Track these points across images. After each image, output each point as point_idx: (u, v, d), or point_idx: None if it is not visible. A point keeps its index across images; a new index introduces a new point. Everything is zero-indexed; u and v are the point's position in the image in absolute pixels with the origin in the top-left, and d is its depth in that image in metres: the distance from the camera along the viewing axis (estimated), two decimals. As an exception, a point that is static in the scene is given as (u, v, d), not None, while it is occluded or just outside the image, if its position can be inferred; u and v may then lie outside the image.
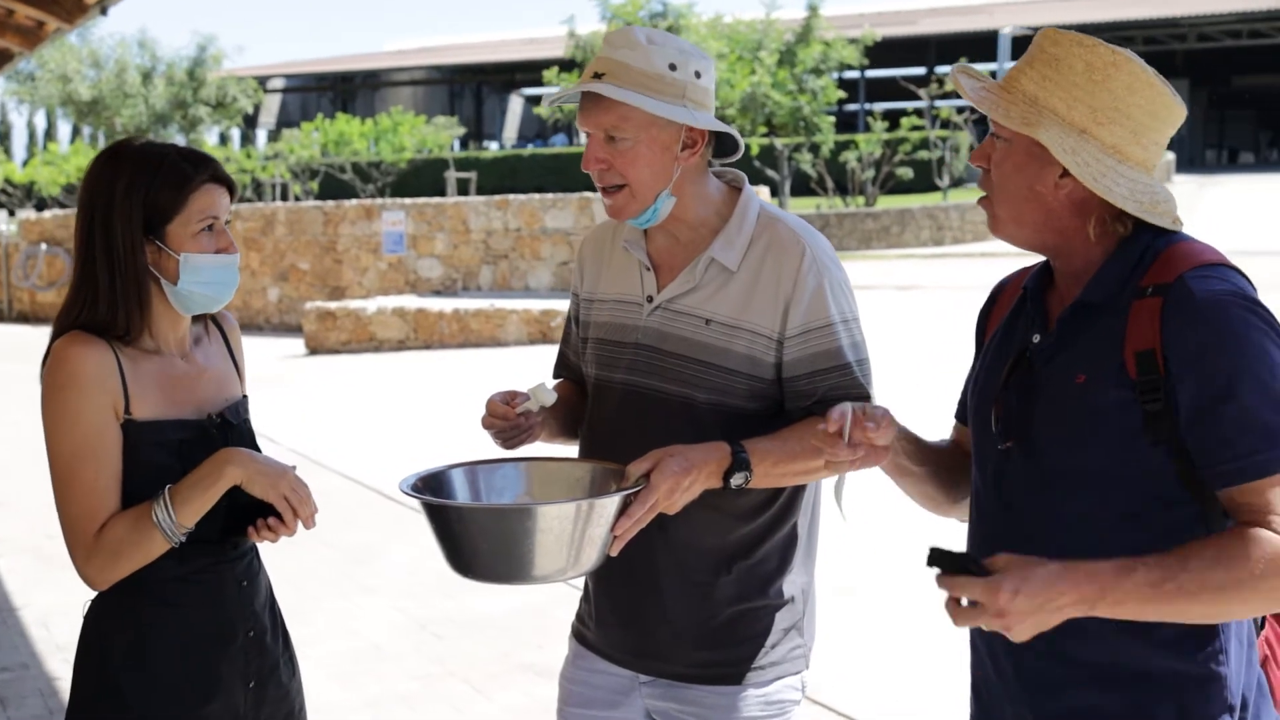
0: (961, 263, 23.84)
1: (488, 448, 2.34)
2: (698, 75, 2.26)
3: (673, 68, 2.23)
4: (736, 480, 2.18)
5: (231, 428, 2.36)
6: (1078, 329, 1.83)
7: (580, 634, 2.54)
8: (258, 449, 2.41)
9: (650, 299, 2.37)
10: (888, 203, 30.52)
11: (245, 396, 2.48)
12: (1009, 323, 1.99)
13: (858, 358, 2.30)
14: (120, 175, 2.23)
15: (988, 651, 1.94)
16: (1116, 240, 1.83)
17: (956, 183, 34.11)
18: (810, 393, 2.26)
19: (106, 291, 2.23)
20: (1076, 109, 1.79)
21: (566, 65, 29.06)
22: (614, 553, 2.10)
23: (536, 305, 15.91)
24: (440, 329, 16.24)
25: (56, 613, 5.88)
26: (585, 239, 2.61)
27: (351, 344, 16.67)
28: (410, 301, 17.23)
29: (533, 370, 13.15)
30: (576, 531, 2.02)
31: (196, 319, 2.41)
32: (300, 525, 2.24)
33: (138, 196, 2.21)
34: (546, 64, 32.62)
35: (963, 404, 2.15)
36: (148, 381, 2.26)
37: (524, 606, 6.00)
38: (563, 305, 15.76)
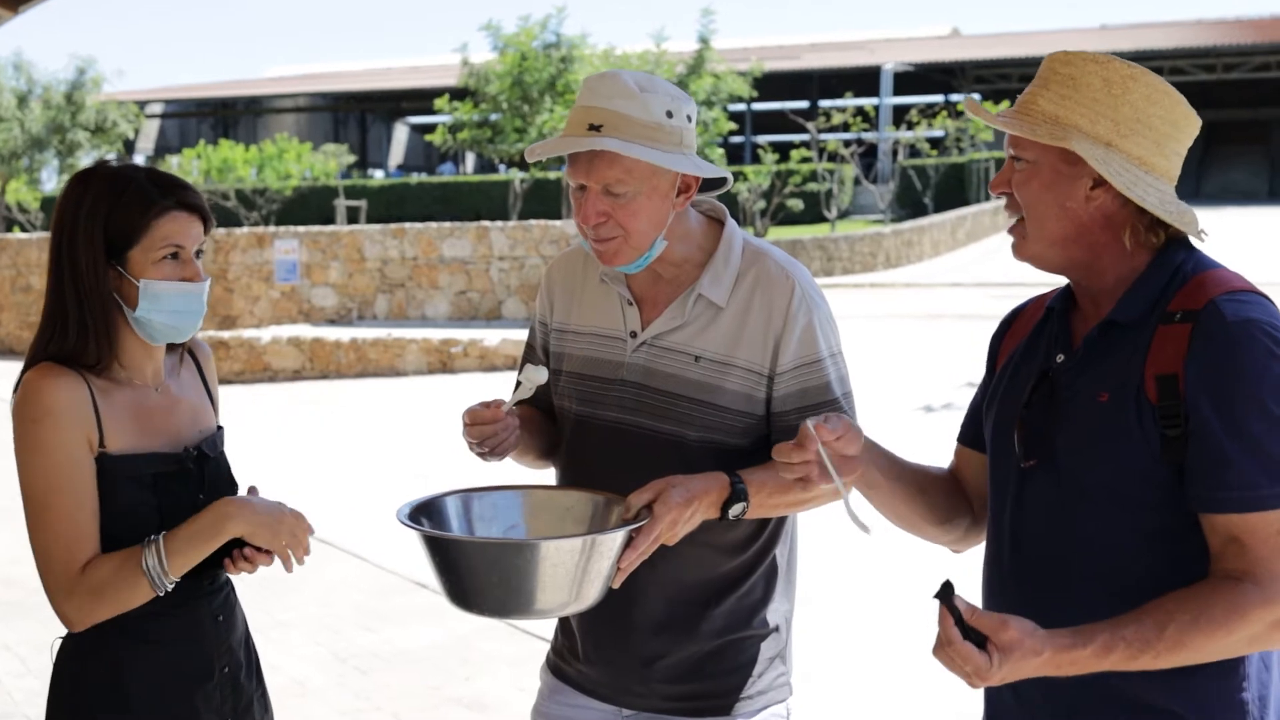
0: (853, 293, 24.22)
1: (392, 477, 2.25)
2: (689, 119, 2.24)
3: (669, 115, 2.19)
4: (734, 511, 2.17)
5: (208, 460, 2.30)
6: (1104, 348, 1.82)
7: (558, 668, 2.50)
8: (234, 482, 2.37)
9: (634, 334, 2.34)
10: (778, 234, 30.88)
11: (220, 428, 2.42)
12: (1029, 344, 1.99)
13: (844, 391, 2.32)
14: (85, 199, 2.17)
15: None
16: (1150, 253, 1.84)
17: (843, 214, 34.68)
18: (792, 428, 2.23)
19: (75, 319, 2.17)
20: (1100, 124, 1.79)
21: (459, 94, 28.91)
22: (616, 585, 2.08)
23: (436, 334, 15.75)
24: (337, 359, 16.00)
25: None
26: (553, 266, 2.55)
27: (245, 374, 16.34)
28: (306, 331, 16.94)
29: (434, 400, 13.04)
30: (580, 565, 1.99)
31: (170, 348, 2.35)
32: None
33: (100, 220, 2.16)
34: (435, 92, 32.43)
35: (967, 426, 2.15)
36: (121, 413, 2.19)
37: (448, 639, 5.93)
38: (462, 335, 15.64)
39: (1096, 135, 1.79)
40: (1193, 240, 1.88)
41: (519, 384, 2.30)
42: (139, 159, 50.90)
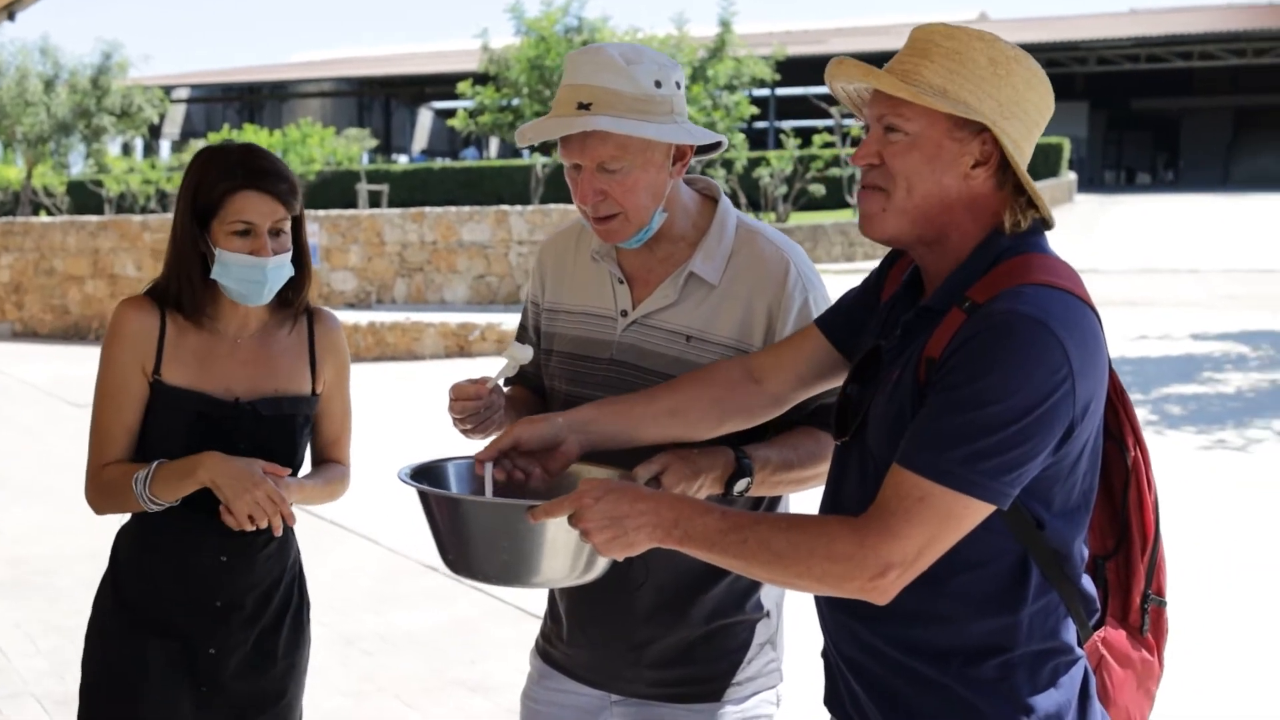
0: (873, 278, 24.11)
1: (407, 459, 2.17)
2: (678, 85, 2.19)
3: (658, 85, 2.14)
4: (739, 486, 2.13)
5: (263, 419, 2.52)
6: (915, 331, 1.79)
7: (546, 653, 2.48)
8: (295, 445, 2.58)
9: (625, 313, 2.30)
10: (800, 219, 30.73)
11: (315, 395, 2.63)
12: (890, 306, 1.93)
13: None
14: (192, 171, 2.50)
15: (839, 672, 2.00)
16: (988, 235, 1.77)
17: (866, 200, 34.34)
18: (801, 406, 2.20)
19: (168, 265, 2.53)
20: (986, 102, 1.72)
21: (480, 79, 28.87)
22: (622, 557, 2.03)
23: (454, 319, 15.76)
24: (355, 342, 16.02)
25: None
26: (544, 245, 2.52)
27: (263, 357, 16.40)
28: (324, 314, 16.97)
29: (451, 384, 13.04)
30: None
31: (281, 309, 2.61)
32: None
33: (191, 191, 2.48)
34: (458, 77, 32.37)
35: (832, 314, 2.08)
36: (186, 352, 2.51)
37: (452, 622, 5.92)
38: (481, 319, 15.64)
39: (982, 113, 1.72)
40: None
41: (505, 359, 2.26)
42: (164, 144, 51.16)
